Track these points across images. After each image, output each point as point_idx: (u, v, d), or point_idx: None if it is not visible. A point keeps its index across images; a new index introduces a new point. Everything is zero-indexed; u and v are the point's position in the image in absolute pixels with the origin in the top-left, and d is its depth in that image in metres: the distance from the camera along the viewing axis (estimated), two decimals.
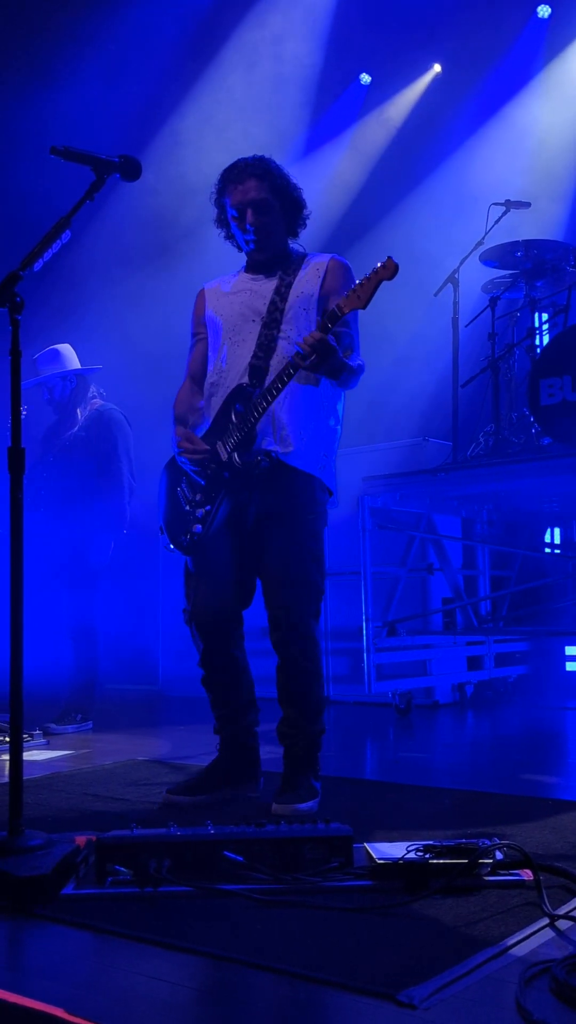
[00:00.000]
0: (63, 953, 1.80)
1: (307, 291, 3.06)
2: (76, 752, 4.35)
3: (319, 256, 3.15)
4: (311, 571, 3.04)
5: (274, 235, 3.10)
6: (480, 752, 4.16)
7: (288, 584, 3.00)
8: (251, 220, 3.04)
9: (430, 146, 7.69)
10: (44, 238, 2.41)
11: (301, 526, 3.04)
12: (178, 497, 3.14)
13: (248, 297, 3.11)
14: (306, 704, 3.02)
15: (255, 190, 3.03)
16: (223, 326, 3.12)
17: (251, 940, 1.80)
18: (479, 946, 1.73)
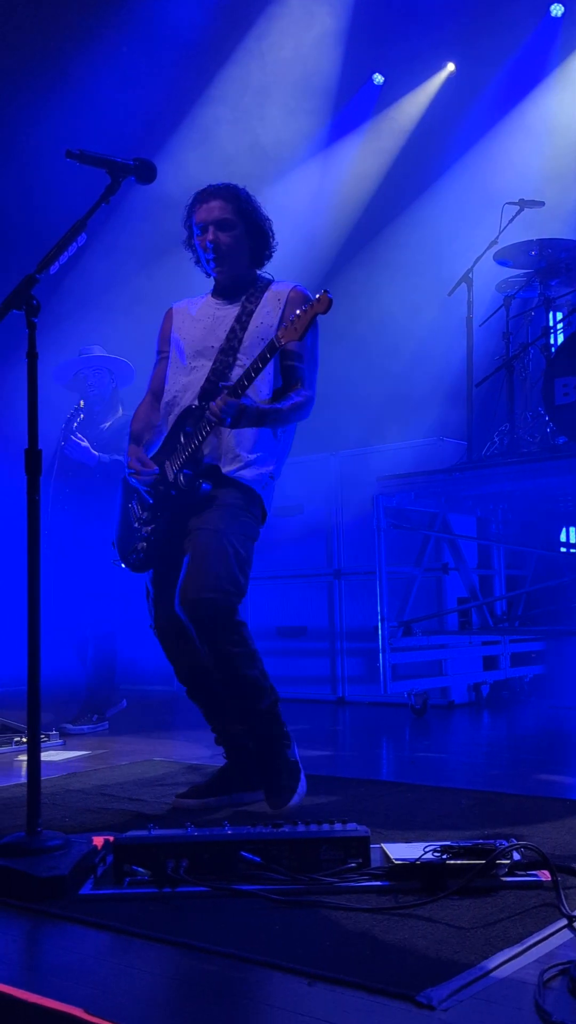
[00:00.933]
0: (81, 953, 1.81)
1: (266, 321, 3.08)
2: (93, 752, 4.37)
3: (282, 284, 3.17)
4: (231, 561, 2.93)
5: (234, 256, 3.12)
6: (496, 752, 4.15)
7: (205, 572, 2.89)
8: (211, 237, 3.07)
9: (444, 145, 7.67)
10: (60, 241, 2.42)
11: (231, 520, 2.99)
12: (128, 514, 3.19)
13: (210, 323, 3.14)
14: (241, 688, 2.95)
15: (219, 209, 3.07)
16: (185, 349, 3.16)
17: (268, 940, 1.81)
18: (497, 947, 1.73)
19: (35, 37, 6.90)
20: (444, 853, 2.09)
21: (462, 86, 7.71)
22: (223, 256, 3.10)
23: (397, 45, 7.56)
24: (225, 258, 3.11)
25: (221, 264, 3.12)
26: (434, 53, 7.66)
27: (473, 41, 7.41)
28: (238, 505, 3.03)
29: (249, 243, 3.15)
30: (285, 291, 3.14)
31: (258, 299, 3.12)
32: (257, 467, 3.08)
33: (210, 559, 2.91)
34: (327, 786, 3.27)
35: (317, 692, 6.21)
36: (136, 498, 3.17)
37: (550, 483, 5.14)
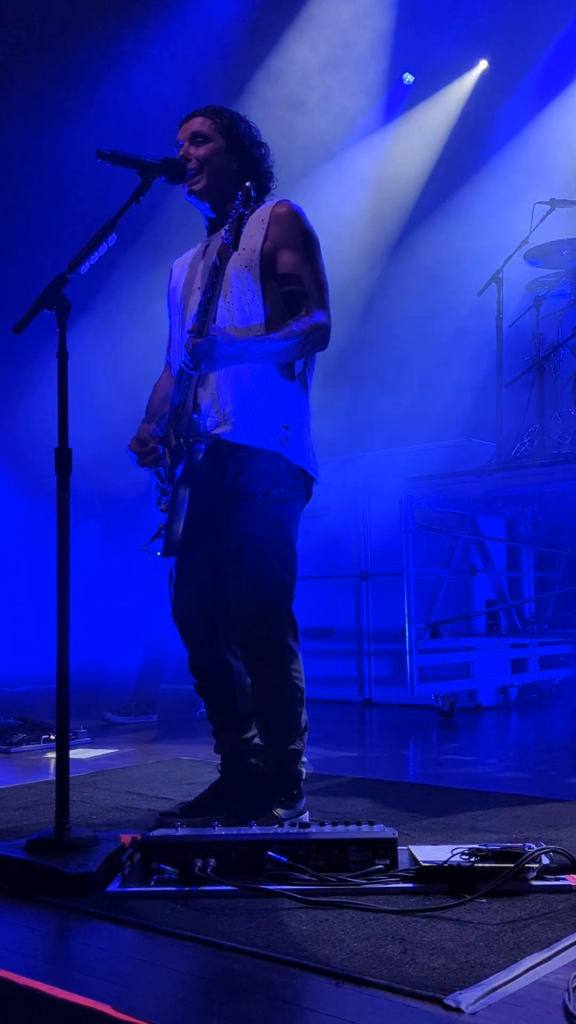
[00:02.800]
0: (109, 950, 1.82)
1: (250, 245, 2.66)
2: (121, 751, 4.39)
3: (267, 203, 2.78)
4: (274, 568, 2.65)
5: (213, 172, 2.75)
6: (525, 755, 4.12)
7: (246, 584, 2.63)
8: (185, 150, 2.76)
9: (474, 144, 7.65)
10: (90, 241, 2.43)
11: (261, 518, 2.64)
12: (153, 496, 2.87)
13: (195, 263, 2.83)
14: (282, 723, 2.68)
15: (199, 124, 2.78)
16: (178, 299, 2.85)
17: (295, 941, 1.80)
18: (526, 951, 1.72)
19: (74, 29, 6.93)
20: (472, 856, 2.08)
21: (494, 84, 7.68)
22: (199, 169, 2.73)
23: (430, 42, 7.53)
24: (200, 171, 2.74)
25: (196, 180, 2.74)
26: (466, 50, 7.63)
27: (506, 38, 7.38)
28: (265, 487, 2.64)
29: (233, 162, 2.78)
30: (268, 208, 2.73)
31: (237, 225, 2.61)
32: (262, 422, 2.66)
33: (256, 582, 2.62)
34: (354, 787, 3.26)
35: (344, 693, 6.20)
36: (156, 479, 2.82)
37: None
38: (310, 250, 2.71)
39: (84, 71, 7.04)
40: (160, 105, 6.99)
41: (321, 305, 2.68)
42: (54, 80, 6.99)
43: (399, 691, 5.83)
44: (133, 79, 7.06)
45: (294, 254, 2.68)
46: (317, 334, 2.64)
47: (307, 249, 2.71)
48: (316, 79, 7.60)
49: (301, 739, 2.73)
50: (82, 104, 6.98)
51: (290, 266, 2.67)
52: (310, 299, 2.66)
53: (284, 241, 2.68)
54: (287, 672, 2.69)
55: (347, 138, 7.77)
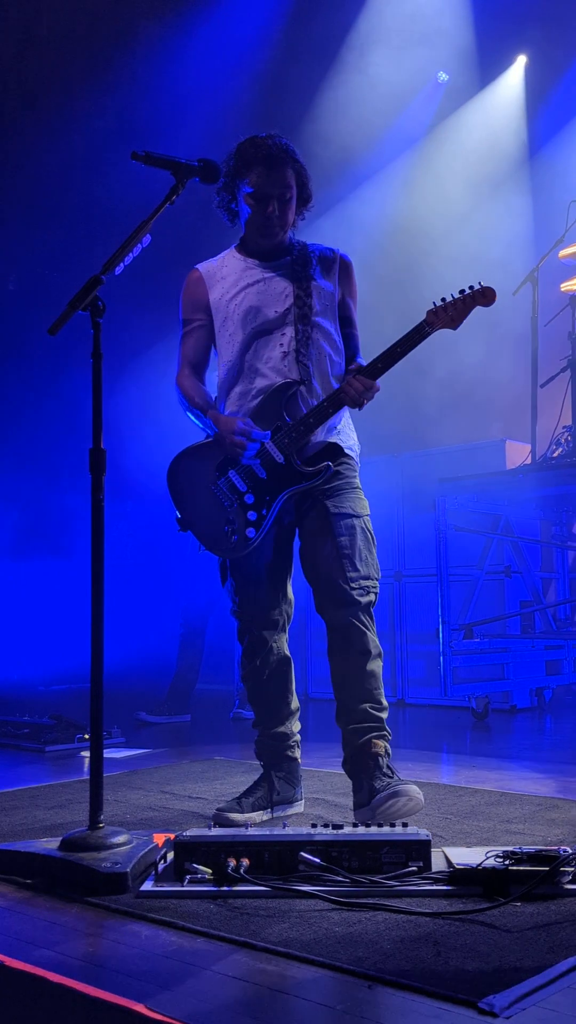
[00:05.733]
0: (142, 949, 1.82)
1: (327, 288, 2.99)
2: (154, 750, 4.41)
3: (322, 248, 3.05)
4: (372, 547, 2.94)
5: (289, 225, 2.99)
6: (560, 758, 4.09)
7: (360, 558, 2.87)
8: (278, 211, 2.90)
9: (513, 142, 7.60)
10: (125, 242, 2.44)
11: (361, 501, 2.96)
12: (215, 494, 2.89)
13: (262, 288, 2.95)
14: (362, 681, 2.85)
15: (285, 179, 2.89)
16: (240, 320, 2.94)
17: (328, 941, 1.80)
18: (561, 955, 1.70)
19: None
20: (507, 859, 2.07)
21: (532, 83, 7.63)
22: (283, 227, 2.95)
23: (468, 38, 7.50)
24: (284, 229, 2.96)
25: (279, 234, 2.96)
26: (504, 47, 7.59)
27: (544, 37, 7.33)
28: (357, 483, 2.99)
29: (298, 209, 3.00)
30: (335, 258, 3.04)
31: (304, 262, 2.98)
32: (353, 438, 3.07)
33: (360, 549, 2.87)
34: None
35: None
36: (225, 478, 2.87)
37: None
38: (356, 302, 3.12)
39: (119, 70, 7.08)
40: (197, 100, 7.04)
41: None
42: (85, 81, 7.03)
43: (433, 692, 5.81)
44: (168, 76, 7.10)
45: (353, 303, 3.09)
46: None
47: (356, 301, 3.11)
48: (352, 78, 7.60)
49: None
50: (117, 105, 7.02)
51: (351, 312, 3.08)
52: (359, 345, 3.09)
53: (351, 292, 3.08)
54: (379, 649, 2.90)
55: (382, 141, 7.75)
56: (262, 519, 2.86)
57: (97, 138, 6.95)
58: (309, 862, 2.13)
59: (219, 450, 2.89)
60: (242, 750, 4.32)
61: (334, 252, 3.06)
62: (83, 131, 6.99)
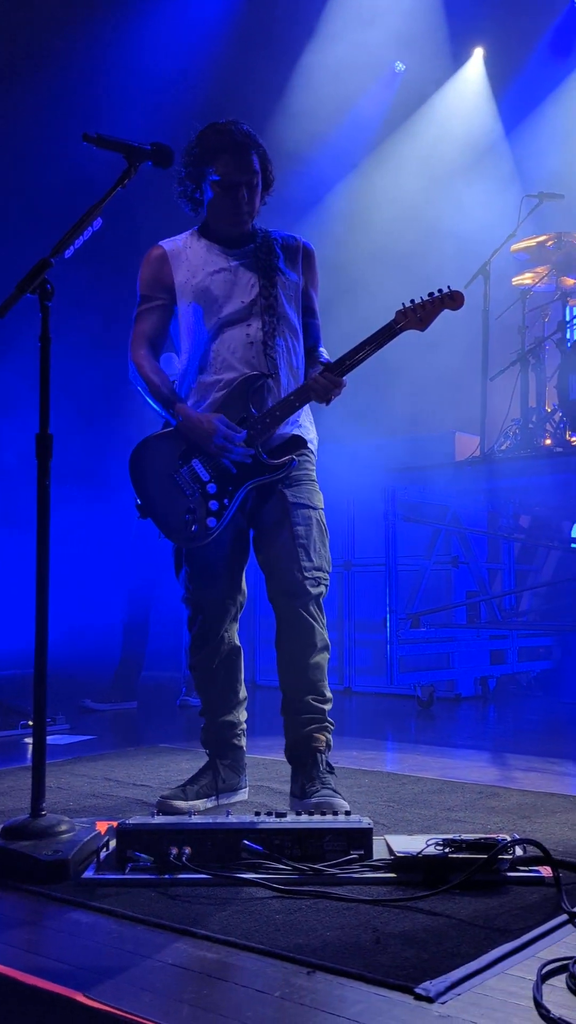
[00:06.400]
0: (82, 937, 1.82)
1: (292, 278, 2.99)
2: (98, 737, 4.38)
3: (284, 235, 3.04)
4: (326, 539, 2.98)
5: (256, 212, 2.98)
6: (502, 747, 4.15)
7: (315, 553, 2.90)
8: (246, 199, 2.89)
9: (464, 135, 7.64)
10: (75, 225, 2.41)
11: (316, 493, 3.00)
12: (177, 483, 2.85)
13: (230, 277, 2.92)
14: (307, 679, 2.87)
15: (251, 166, 2.88)
16: (208, 307, 2.90)
17: (269, 929, 1.81)
18: (497, 941, 1.73)
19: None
20: (447, 847, 2.09)
21: (488, 77, 7.67)
22: (250, 215, 2.94)
23: (422, 31, 7.50)
24: (251, 217, 2.95)
25: (246, 221, 2.94)
26: (460, 40, 7.61)
27: (498, 30, 7.37)
28: (314, 475, 3.01)
29: (261, 196, 2.99)
30: (297, 247, 3.04)
31: (269, 250, 2.97)
32: (312, 431, 3.08)
33: (315, 540, 2.90)
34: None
35: None
36: (188, 467, 2.85)
37: (562, 479, 5.12)
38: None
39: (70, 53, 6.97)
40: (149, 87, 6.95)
41: None
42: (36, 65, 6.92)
43: (379, 680, 5.86)
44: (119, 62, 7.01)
45: (316, 293, 3.11)
46: None
47: (318, 290, 3.12)
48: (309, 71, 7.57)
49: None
50: (68, 86, 6.91)
51: (313, 302, 3.09)
52: (320, 335, 3.11)
53: (313, 281, 3.09)
54: (326, 644, 2.93)
55: (343, 123, 7.73)
56: (224, 509, 2.84)
57: (49, 120, 6.84)
58: (252, 850, 2.14)
59: (182, 439, 2.86)
60: (188, 738, 4.32)
61: (296, 240, 3.05)
62: (34, 112, 6.88)
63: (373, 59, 7.63)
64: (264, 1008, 1.51)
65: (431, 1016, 1.46)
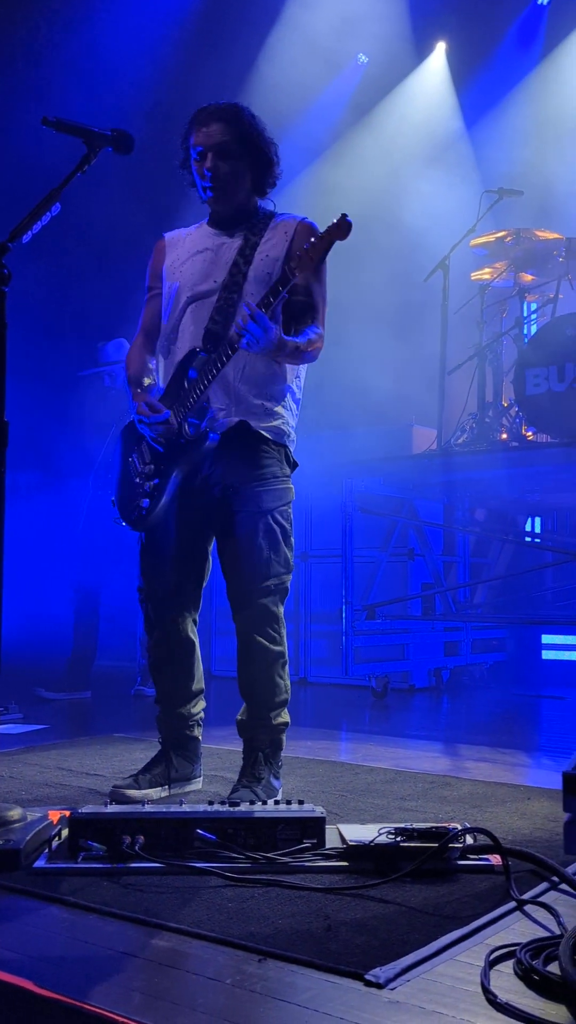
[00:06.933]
0: (33, 926, 1.81)
1: (272, 254, 2.84)
2: (51, 727, 4.36)
3: (288, 217, 2.93)
4: (278, 548, 2.83)
5: (235, 185, 2.86)
6: (454, 737, 4.19)
7: (252, 564, 2.79)
8: (209, 164, 2.81)
9: (425, 129, 7.66)
10: (33, 210, 2.38)
11: (269, 499, 2.82)
12: (129, 468, 2.93)
13: (210, 256, 2.90)
14: (269, 693, 2.83)
15: (219, 133, 2.81)
16: (182, 286, 2.91)
17: (221, 917, 1.82)
18: (447, 928, 1.75)
19: None
20: (398, 836, 2.11)
21: (450, 71, 7.70)
22: (222, 185, 2.84)
23: (385, 24, 7.51)
24: (224, 187, 2.84)
25: (219, 193, 2.85)
26: (423, 34, 7.62)
27: (461, 25, 7.39)
28: (274, 470, 2.84)
29: (250, 171, 2.88)
30: (292, 224, 2.89)
31: (262, 231, 2.88)
32: (282, 420, 2.89)
33: (262, 545, 2.78)
34: (285, 766, 3.28)
35: None
36: (137, 450, 2.91)
37: (517, 473, 5.18)
38: (321, 271, 2.89)
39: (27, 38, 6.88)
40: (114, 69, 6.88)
41: (321, 322, 2.89)
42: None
43: (334, 671, 5.89)
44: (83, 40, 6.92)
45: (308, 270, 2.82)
46: (320, 346, 2.85)
47: (319, 269, 2.87)
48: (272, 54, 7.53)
49: (286, 711, 2.90)
50: (29, 68, 6.82)
51: (304, 280, 2.79)
52: (317, 314, 2.87)
53: None
54: (279, 643, 2.84)
55: (305, 114, 7.71)
56: (156, 489, 2.83)
57: (7, 103, 6.75)
58: (205, 839, 2.15)
59: None
60: (142, 727, 4.31)
61: (295, 219, 2.92)
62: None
63: (336, 51, 7.62)
64: (215, 995, 1.52)
65: (381, 1002, 1.48)
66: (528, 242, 5.74)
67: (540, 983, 1.51)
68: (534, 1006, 1.45)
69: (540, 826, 2.49)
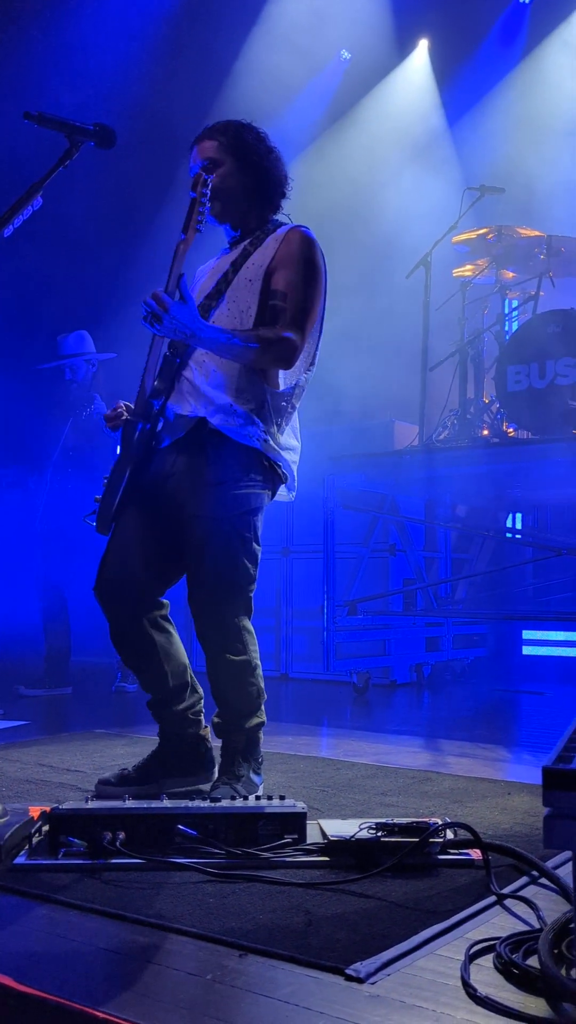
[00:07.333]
0: (13, 922, 1.81)
1: (258, 262, 2.79)
2: (33, 723, 4.34)
3: (289, 226, 2.87)
4: (235, 559, 2.70)
5: (226, 195, 2.82)
6: (435, 732, 4.21)
7: (205, 572, 2.68)
8: (199, 189, 2.76)
9: (407, 126, 7.66)
10: (14, 204, 2.37)
11: (223, 503, 2.68)
12: (111, 472, 2.88)
13: (212, 272, 2.91)
14: (239, 701, 2.76)
15: (210, 150, 2.82)
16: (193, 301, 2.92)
17: (202, 913, 1.82)
18: (427, 923, 1.76)
19: None
20: (379, 831, 2.12)
21: (432, 68, 7.71)
22: (213, 200, 2.79)
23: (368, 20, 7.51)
24: (216, 202, 2.81)
25: (213, 207, 2.81)
26: (405, 31, 7.63)
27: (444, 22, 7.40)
28: (234, 473, 2.70)
29: (243, 180, 2.84)
30: (285, 230, 2.83)
31: (260, 242, 2.83)
32: (255, 423, 2.73)
33: (216, 553, 2.66)
34: (266, 761, 3.29)
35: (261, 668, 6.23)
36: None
37: (499, 469, 5.20)
38: (307, 275, 2.77)
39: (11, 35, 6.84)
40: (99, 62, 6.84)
41: (295, 326, 2.71)
42: None
43: (316, 667, 5.90)
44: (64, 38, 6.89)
45: (288, 273, 2.75)
46: (280, 348, 2.68)
47: (304, 272, 2.77)
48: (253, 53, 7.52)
49: (261, 711, 2.83)
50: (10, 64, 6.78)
51: (281, 283, 2.74)
52: (285, 316, 2.72)
53: (285, 261, 2.77)
54: (242, 653, 2.75)
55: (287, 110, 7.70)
56: (109, 495, 2.78)
57: None
58: (186, 834, 2.15)
59: None
60: (123, 723, 4.30)
61: (288, 227, 2.86)
62: None
63: (318, 47, 7.61)
64: (196, 990, 1.52)
65: (361, 996, 1.49)
66: (509, 239, 5.77)
67: (519, 977, 1.52)
68: (514, 999, 1.46)
69: (520, 821, 2.50)
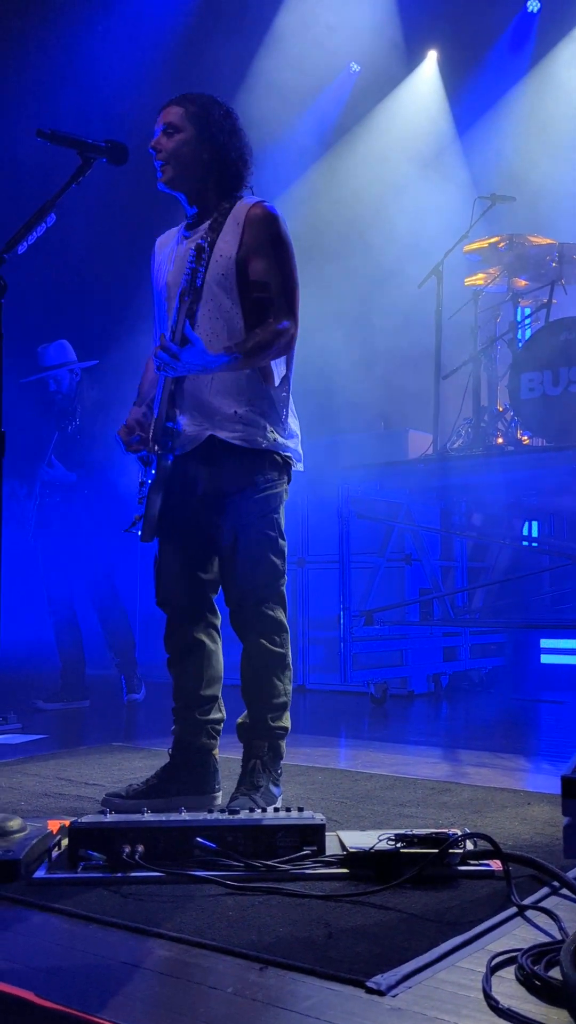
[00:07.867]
0: (34, 936, 1.81)
1: (225, 253, 2.70)
2: (51, 736, 4.35)
3: (246, 200, 2.77)
4: (268, 553, 2.79)
5: (180, 163, 2.74)
6: (454, 742, 4.19)
7: (242, 575, 2.78)
8: (156, 141, 2.73)
9: (417, 137, 7.69)
10: (28, 221, 2.39)
11: (248, 509, 2.76)
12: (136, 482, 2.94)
13: (177, 259, 2.81)
14: (269, 693, 2.82)
15: (172, 114, 2.75)
16: (157, 289, 2.89)
17: (222, 926, 1.81)
18: (448, 935, 1.75)
19: None
20: (398, 842, 2.11)
21: (441, 78, 7.73)
22: (165, 163, 2.73)
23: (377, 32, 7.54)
24: (168, 163, 2.74)
25: (164, 171, 2.75)
26: (414, 42, 7.65)
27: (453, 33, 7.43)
28: (253, 479, 2.75)
29: (198, 150, 2.74)
30: (244, 210, 2.73)
31: (220, 227, 2.74)
32: (261, 426, 2.75)
33: (249, 556, 2.76)
34: (284, 773, 3.28)
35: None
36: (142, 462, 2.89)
37: (514, 477, 5.19)
38: (280, 255, 2.74)
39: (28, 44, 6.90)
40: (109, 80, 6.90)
41: (287, 313, 2.71)
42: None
43: (333, 678, 5.88)
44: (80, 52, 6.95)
45: (263, 260, 2.71)
46: (282, 341, 2.70)
47: (276, 255, 2.73)
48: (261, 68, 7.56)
49: (287, 715, 2.87)
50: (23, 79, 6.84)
51: (259, 273, 2.70)
52: (275, 307, 2.70)
53: (255, 247, 2.71)
54: (280, 646, 2.84)
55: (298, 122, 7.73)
56: (141, 501, 2.81)
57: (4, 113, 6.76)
58: (204, 847, 2.15)
59: None
60: (140, 736, 4.31)
61: (247, 203, 2.76)
62: None
63: (328, 60, 7.65)
64: (216, 1004, 1.51)
65: (382, 1009, 1.48)
66: (521, 247, 5.76)
67: (542, 988, 1.51)
68: (536, 1011, 1.45)
69: (540, 831, 2.49)
